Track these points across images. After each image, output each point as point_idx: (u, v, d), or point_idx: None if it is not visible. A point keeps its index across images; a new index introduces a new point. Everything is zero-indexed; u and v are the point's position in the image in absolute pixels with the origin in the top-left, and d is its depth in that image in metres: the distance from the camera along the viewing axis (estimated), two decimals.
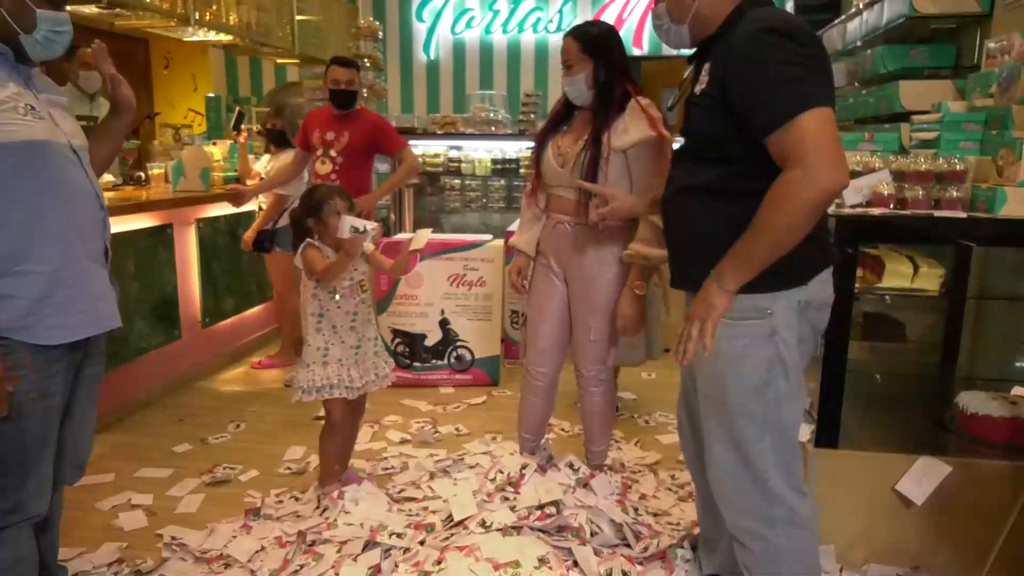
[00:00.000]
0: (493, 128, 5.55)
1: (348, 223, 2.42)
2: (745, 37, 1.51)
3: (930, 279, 2.41)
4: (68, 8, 1.77)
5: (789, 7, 7.43)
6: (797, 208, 1.45)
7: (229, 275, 4.45)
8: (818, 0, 6.78)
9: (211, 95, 7.10)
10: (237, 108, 5.03)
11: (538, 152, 2.57)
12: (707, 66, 1.62)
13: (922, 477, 2.21)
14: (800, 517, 1.75)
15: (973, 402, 2.37)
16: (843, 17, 5.10)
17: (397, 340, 4.16)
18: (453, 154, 5.71)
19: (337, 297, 2.56)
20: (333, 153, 3.87)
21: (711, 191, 1.64)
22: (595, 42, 2.38)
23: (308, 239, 2.54)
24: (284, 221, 4.14)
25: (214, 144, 5.16)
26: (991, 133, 2.47)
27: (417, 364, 4.16)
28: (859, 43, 4.51)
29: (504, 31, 8.35)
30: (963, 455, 2.25)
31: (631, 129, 2.34)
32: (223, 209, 4.34)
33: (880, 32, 4.09)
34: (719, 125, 1.58)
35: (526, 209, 2.72)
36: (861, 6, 4.49)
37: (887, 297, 2.49)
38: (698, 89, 1.63)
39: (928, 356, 2.86)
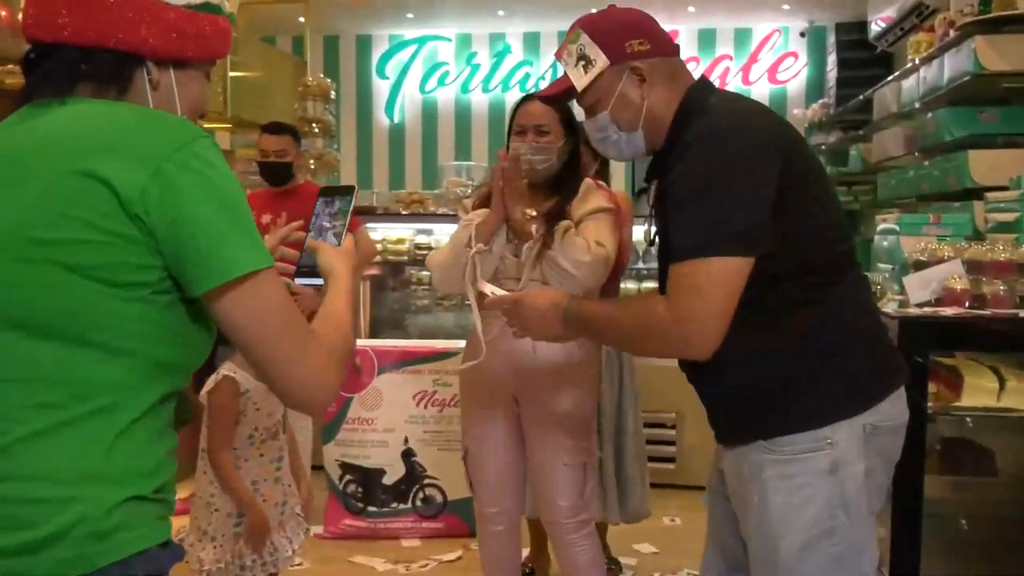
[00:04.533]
0: None
1: None
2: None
3: (1021, 395, 2.43)
4: None
5: (831, 60, 7.79)
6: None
7: None
8: (867, 53, 7.12)
9: None
10: None
11: None
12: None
13: None
14: None
15: None
16: (897, 74, 5.34)
17: (347, 477, 4.10)
18: (421, 239, 5.78)
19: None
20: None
21: (749, 317, 1.63)
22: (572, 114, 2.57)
23: (224, 371, 2.49)
24: None
25: None
26: None
27: (373, 509, 4.08)
28: (918, 105, 4.70)
29: (485, 89, 8.67)
30: None
31: (589, 198, 2.52)
32: None
33: (943, 92, 4.27)
34: None
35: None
36: (918, 61, 4.71)
37: (969, 419, 2.50)
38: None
39: None
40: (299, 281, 1.39)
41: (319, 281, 1.33)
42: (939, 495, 2.80)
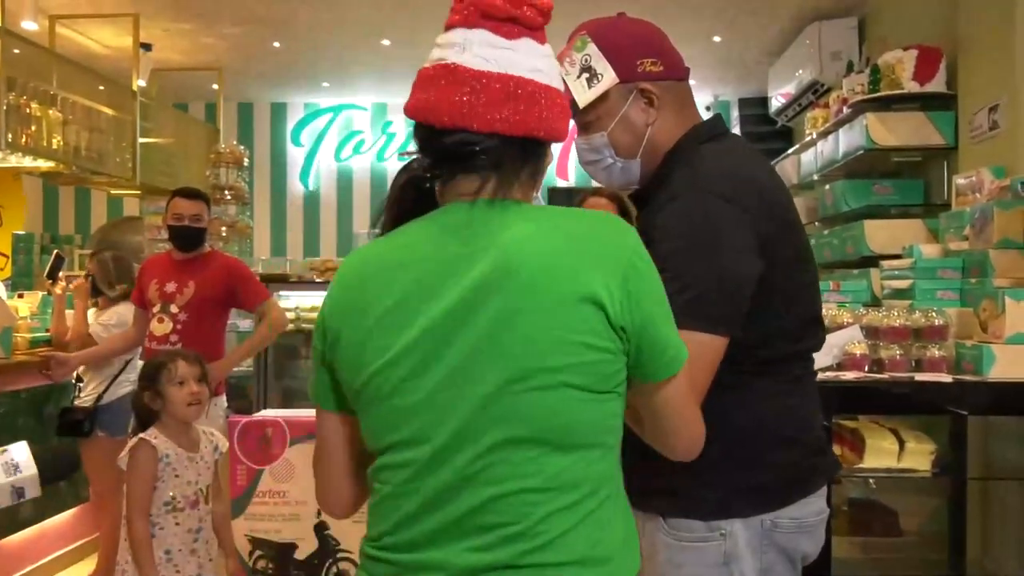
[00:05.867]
0: None
1: None
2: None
3: (919, 456, 2.51)
4: None
5: (735, 131, 8.10)
6: None
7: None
8: (769, 127, 7.44)
9: (21, 232, 7.02)
10: (55, 251, 4.99)
11: None
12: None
13: None
14: None
15: None
16: (796, 147, 5.59)
17: (257, 552, 3.97)
18: None
19: (174, 515, 2.48)
20: (174, 309, 3.82)
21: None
22: None
23: (143, 435, 2.48)
24: (112, 396, 4.02)
25: (20, 296, 5.04)
26: (970, 281, 2.69)
27: None
28: (816, 177, 4.92)
29: (401, 157, 8.69)
30: None
31: None
32: (28, 381, 4.19)
33: (839, 165, 4.49)
34: None
35: None
36: (815, 136, 4.94)
37: (872, 480, 2.57)
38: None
39: (930, 552, 2.91)
40: None
41: None
42: (847, 555, 2.86)
